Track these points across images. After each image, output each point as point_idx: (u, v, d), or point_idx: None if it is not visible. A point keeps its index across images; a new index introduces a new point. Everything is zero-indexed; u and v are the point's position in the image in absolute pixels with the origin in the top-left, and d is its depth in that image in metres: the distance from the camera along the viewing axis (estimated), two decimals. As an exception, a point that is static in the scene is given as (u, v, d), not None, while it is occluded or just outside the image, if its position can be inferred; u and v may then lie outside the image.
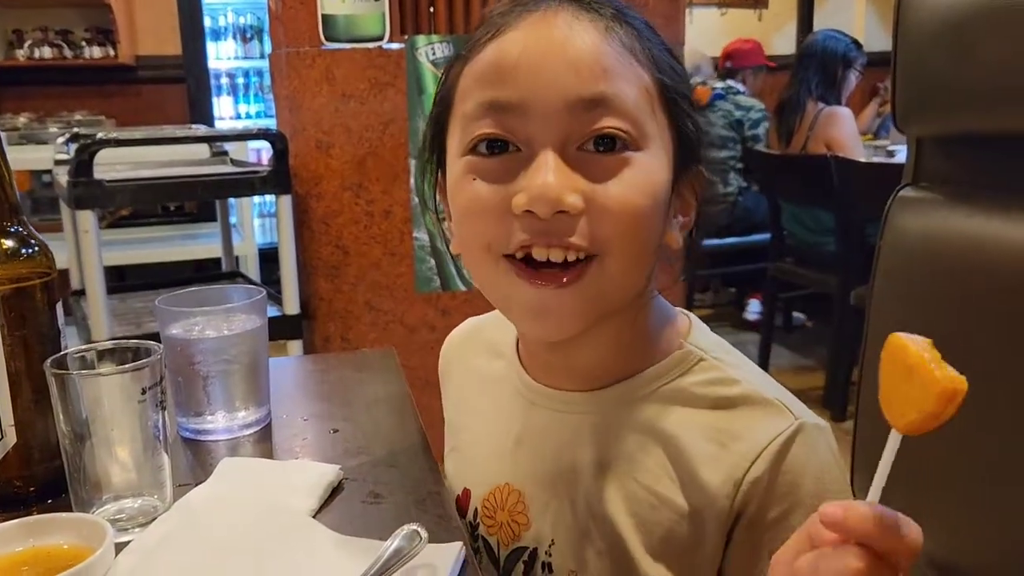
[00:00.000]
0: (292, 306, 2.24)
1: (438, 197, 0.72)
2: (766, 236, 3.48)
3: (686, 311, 0.72)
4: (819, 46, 3.23)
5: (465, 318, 0.88)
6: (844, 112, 3.19)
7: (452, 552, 0.62)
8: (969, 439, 0.81)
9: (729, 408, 0.63)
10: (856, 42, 3.24)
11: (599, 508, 0.65)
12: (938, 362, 0.44)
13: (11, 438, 0.72)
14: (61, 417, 0.68)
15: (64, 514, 0.67)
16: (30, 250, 0.73)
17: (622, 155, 0.59)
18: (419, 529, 0.61)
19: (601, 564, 0.65)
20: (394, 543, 0.59)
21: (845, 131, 3.16)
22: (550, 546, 0.68)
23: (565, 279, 0.59)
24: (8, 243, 0.72)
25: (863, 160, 3.01)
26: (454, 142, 0.64)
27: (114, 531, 0.64)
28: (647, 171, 0.60)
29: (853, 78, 3.23)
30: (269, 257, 2.76)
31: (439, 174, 0.70)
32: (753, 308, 3.93)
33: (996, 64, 0.81)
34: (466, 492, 0.75)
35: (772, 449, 0.60)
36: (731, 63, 3.89)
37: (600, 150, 0.59)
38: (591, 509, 0.66)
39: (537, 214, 0.57)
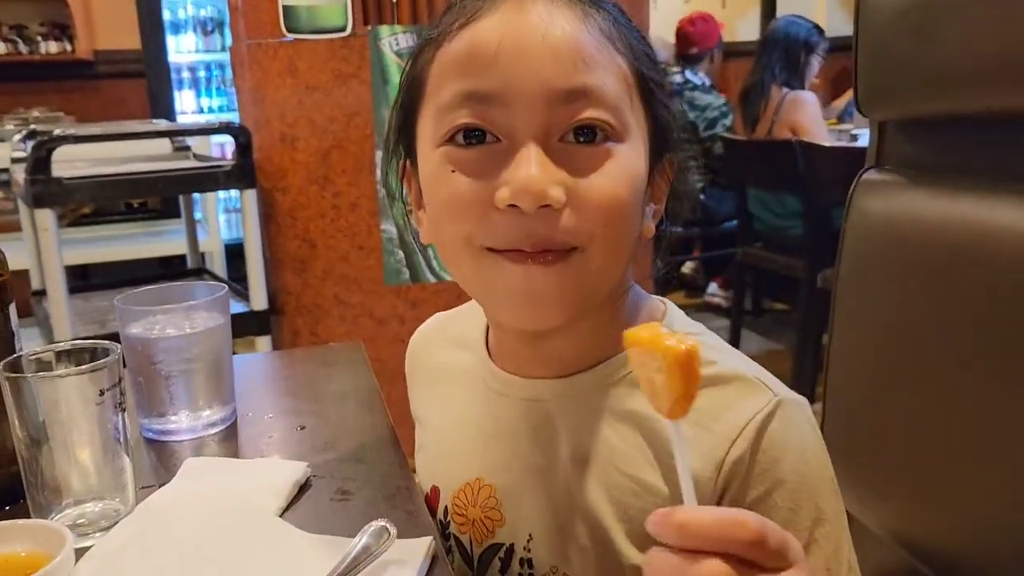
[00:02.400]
0: (259, 301, 2.22)
1: (404, 185, 0.70)
2: (733, 223, 3.51)
3: (662, 298, 0.71)
4: (781, 32, 3.25)
5: (435, 310, 0.87)
6: (808, 97, 3.21)
7: (422, 548, 0.61)
8: (936, 418, 0.82)
9: (706, 387, 0.61)
10: (818, 27, 3.27)
11: (578, 498, 0.64)
12: (662, 337, 0.43)
13: (-35, 444, 0.70)
14: (16, 422, 0.66)
15: (21, 521, 0.65)
16: (-20, 251, 0.71)
17: (604, 146, 0.58)
18: (388, 525, 0.60)
19: (584, 557, 0.64)
20: (362, 539, 0.58)
21: (809, 115, 3.18)
22: (528, 541, 0.66)
23: (550, 258, 0.58)
24: (-43, 244, 0.70)
25: (828, 144, 3.03)
26: (427, 131, 0.62)
27: (74, 536, 0.62)
28: (628, 163, 0.59)
29: (816, 63, 3.26)
30: (236, 253, 2.73)
31: (406, 162, 0.68)
32: (711, 290, 3.96)
33: (958, 46, 0.82)
34: (435, 490, 0.74)
35: (752, 427, 0.59)
36: (696, 48, 3.86)
37: (581, 141, 0.58)
38: (570, 500, 0.64)
39: (521, 208, 0.56)
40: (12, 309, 0.73)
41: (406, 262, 2.40)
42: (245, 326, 2.17)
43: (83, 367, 0.67)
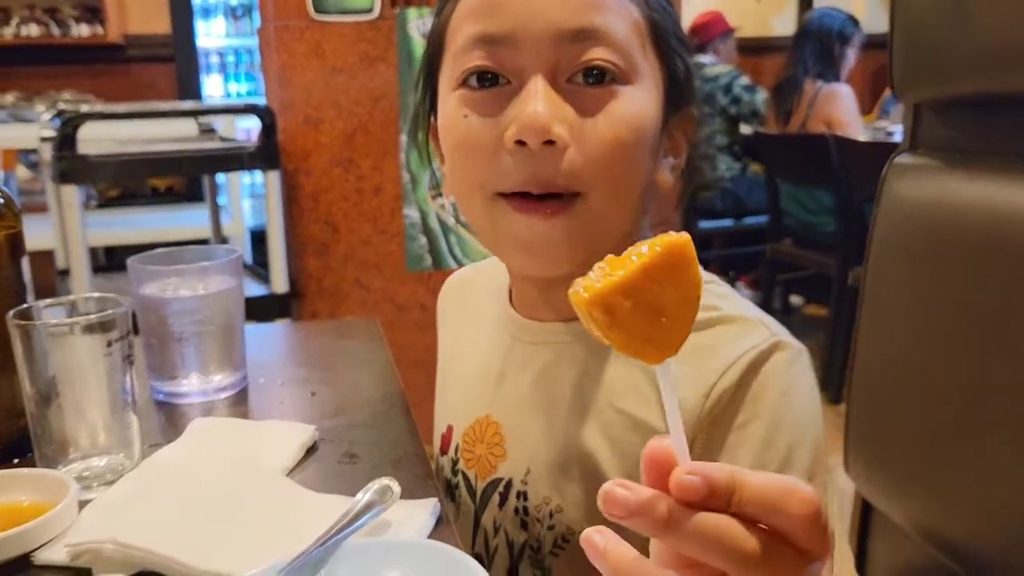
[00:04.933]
0: (280, 284, 2.22)
1: (432, 143, 0.72)
2: (763, 218, 3.45)
3: None
4: (815, 24, 3.19)
5: None
6: (844, 90, 3.16)
7: (427, 508, 0.60)
8: (965, 409, 0.79)
9: (707, 328, 0.62)
10: (853, 18, 3.21)
11: (575, 434, 0.65)
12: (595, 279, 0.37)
13: (-27, 395, 0.69)
14: (24, 371, 0.65)
15: (25, 469, 0.65)
16: (-7, 202, 0.70)
17: (610, 88, 0.59)
18: (391, 484, 0.59)
19: (577, 489, 0.64)
20: (365, 496, 0.57)
21: (844, 109, 3.12)
22: (526, 475, 0.67)
23: (552, 209, 0.59)
24: (-30, 194, 0.69)
25: (863, 139, 2.98)
26: (446, 79, 0.64)
27: (79, 489, 0.62)
28: (635, 105, 0.60)
29: (851, 55, 3.19)
30: (260, 239, 2.73)
31: (432, 118, 0.70)
32: (738, 290, 3.91)
33: (996, 25, 0.79)
34: (449, 428, 0.75)
35: (744, 360, 0.59)
36: (698, 39, 3.84)
37: (589, 82, 0.59)
38: (567, 436, 0.65)
39: (528, 143, 0.57)
40: (24, 262, 0.72)
41: (429, 248, 2.39)
42: (266, 308, 2.17)
43: (91, 316, 0.66)
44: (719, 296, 0.65)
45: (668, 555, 0.36)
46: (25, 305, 0.68)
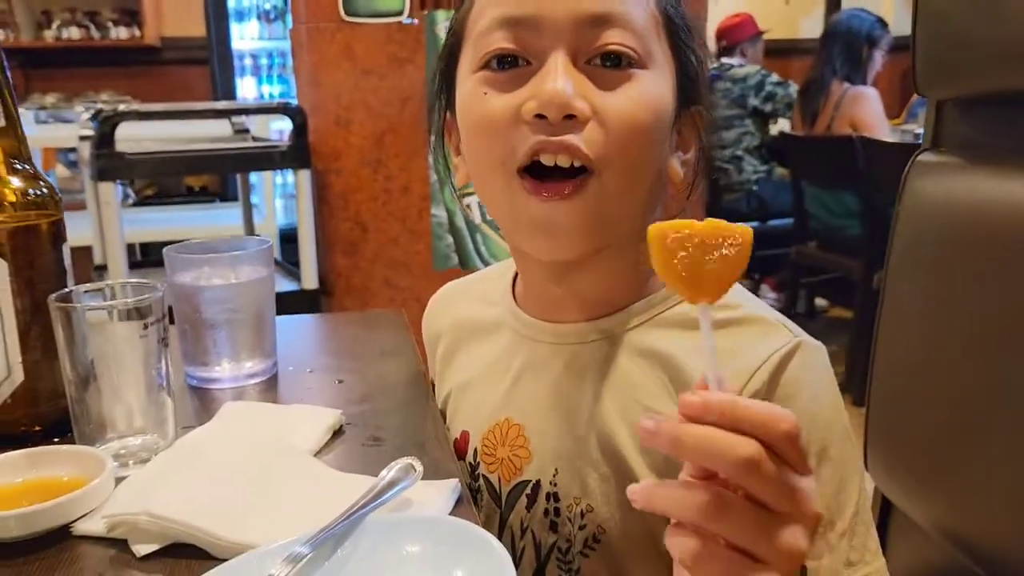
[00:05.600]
0: (310, 280, 2.26)
1: (445, 136, 0.73)
2: (788, 221, 3.44)
3: None
4: (843, 25, 3.18)
5: None
6: (870, 92, 3.14)
7: (447, 487, 0.62)
8: (986, 409, 0.79)
9: (728, 328, 0.64)
10: (881, 20, 3.19)
11: (601, 433, 0.66)
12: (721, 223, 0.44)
13: (18, 375, 0.72)
14: (65, 352, 0.68)
15: (65, 446, 0.68)
16: (38, 192, 0.74)
17: (627, 71, 0.61)
18: (413, 463, 0.61)
19: (606, 488, 0.65)
20: (389, 474, 0.59)
21: (870, 112, 3.11)
22: (554, 475, 0.68)
23: (567, 191, 0.60)
24: (16, 183, 0.73)
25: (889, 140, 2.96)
26: (465, 64, 0.66)
27: (115, 466, 0.64)
28: (650, 88, 0.62)
29: (879, 57, 3.18)
30: (290, 238, 2.77)
31: (447, 113, 0.71)
32: (761, 293, 3.90)
33: (1022, 20, 0.79)
34: (464, 435, 0.75)
35: (771, 363, 0.61)
36: (725, 41, 3.85)
37: (607, 65, 0.61)
38: (593, 435, 0.66)
39: (548, 118, 0.59)
40: (65, 248, 0.76)
41: (455, 247, 2.42)
42: (296, 304, 2.21)
43: (128, 299, 0.69)
44: (738, 293, 0.67)
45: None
46: (66, 290, 0.71)
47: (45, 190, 0.74)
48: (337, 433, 0.74)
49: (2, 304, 0.71)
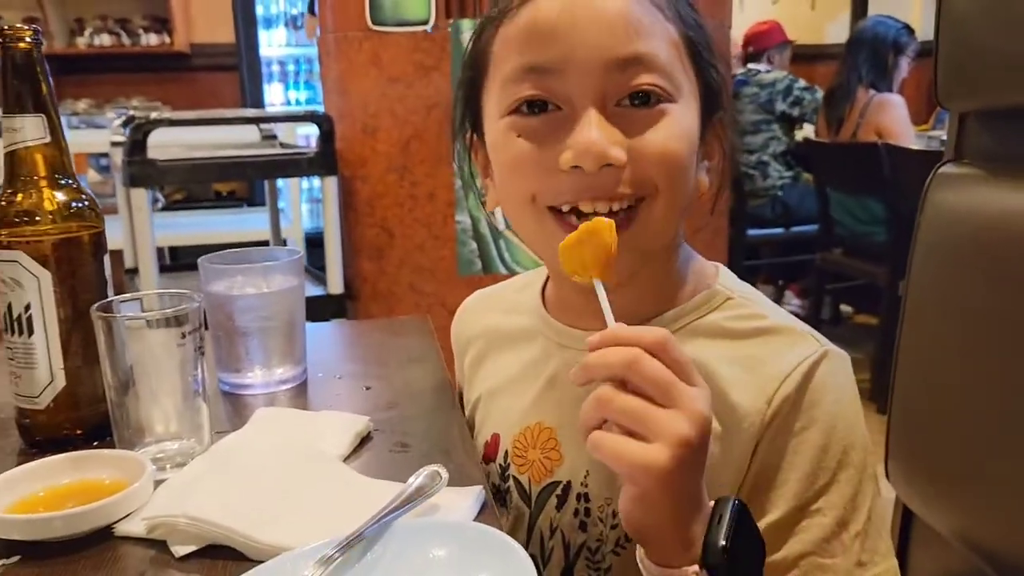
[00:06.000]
0: (336, 286, 2.29)
1: (471, 156, 0.75)
2: (812, 227, 3.43)
3: (716, 263, 0.74)
4: (869, 32, 3.17)
5: None
6: (896, 99, 3.13)
7: (472, 494, 0.64)
8: (1007, 418, 0.80)
9: (756, 337, 0.66)
10: (908, 27, 3.17)
11: None
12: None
13: (60, 381, 0.75)
14: (106, 359, 0.71)
15: (107, 450, 0.71)
16: (80, 204, 0.77)
17: (658, 108, 0.62)
18: (440, 469, 0.63)
19: None
20: (416, 480, 0.61)
21: (897, 119, 3.09)
22: (585, 477, 0.70)
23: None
24: (60, 196, 0.76)
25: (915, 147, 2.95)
26: (492, 104, 0.67)
27: (153, 470, 0.67)
28: (681, 121, 0.63)
29: (905, 64, 3.16)
30: (316, 242, 2.81)
31: (473, 135, 0.73)
32: (785, 299, 3.89)
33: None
34: (495, 437, 0.77)
35: (801, 370, 0.63)
36: (752, 47, 3.86)
37: (636, 104, 0.62)
38: None
39: (584, 169, 0.60)
40: (106, 259, 0.78)
41: (479, 253, 2.44)
42: (322, 309, 2.24)
43: (167, 310, 0.71)
44: (764, 305, 0.69)
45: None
46: (107, 300, 0.74)
47: (87, 202, 0.77)
48: (365, 439, 0.77)
49: (46, 313, 0.74)
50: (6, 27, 0.73)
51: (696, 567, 0.52)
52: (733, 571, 0.52)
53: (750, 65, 3.80)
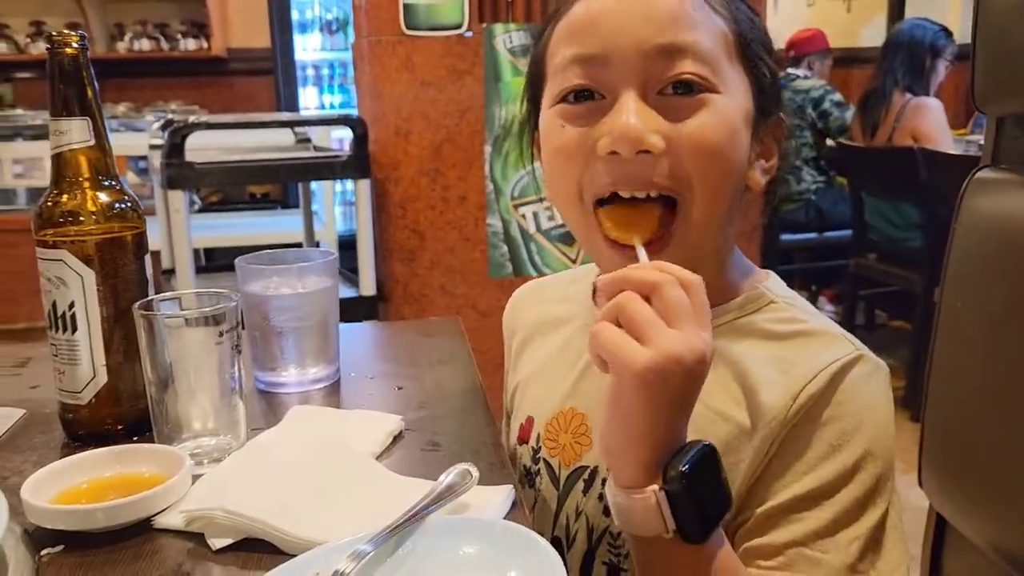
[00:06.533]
0: (368, 287, 2.31)
1: (535, 153, 0.77)
2: (846, 232, 3.39)
3: (767, 270, 0.75)
4: (906, 35, 3.13)
5: None
6: (933, 103, 3.08)
7: (502, 493, 0.64)
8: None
9: (794, 339, 0.66)
10: (946, 30, 3.13)
11: None
12: None
13: (102, 377, 0.78)
14: (147, 357, 0.73)
15: (147, 445, 0.73)
16: (123, 205, 0.79)
17: (699, 97, 0.63)
18: (470, 468, 0.64)
19: None
20: (447, 478, 0.62)
21: (933, 123, 3.05)
22: None
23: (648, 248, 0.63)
24: (103, 197, 0.78)
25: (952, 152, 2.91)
26: (547, 96, 0.69)
27: (192, 463, 0.69)
28: (724, 112, 0.63)
29: (942, 68, 3.12)
30: (348, 244, 2.84)
31: (536, 134, 0.75)
32: (820, 305, 3.86)
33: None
34: (529, 420, 0.79)
35: (830, 370, 0.63)
36: (794, 52, 3.85)
37: (679, 93, 0.63)
38: None
39: (621, 154, 0.61)
40: (147, 259, 0.80)
41: (510, 256, 2.45)
42: (354, 310, 2.27)
43: (206, 309, 0.73)
44: (805, 311, 0.70)
45: None
46: (148, 298, 0.76)
47: (129, 203, 0.79)
48: (397, 438, 0.78)
49: (89, 311, 0.76)
50: (54, 33, 0.76)
51: (656, 486, 0.54)
52: (690, 500, 0.53)
53: (789, 70, 3.79)
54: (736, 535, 0.64)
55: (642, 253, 0.60)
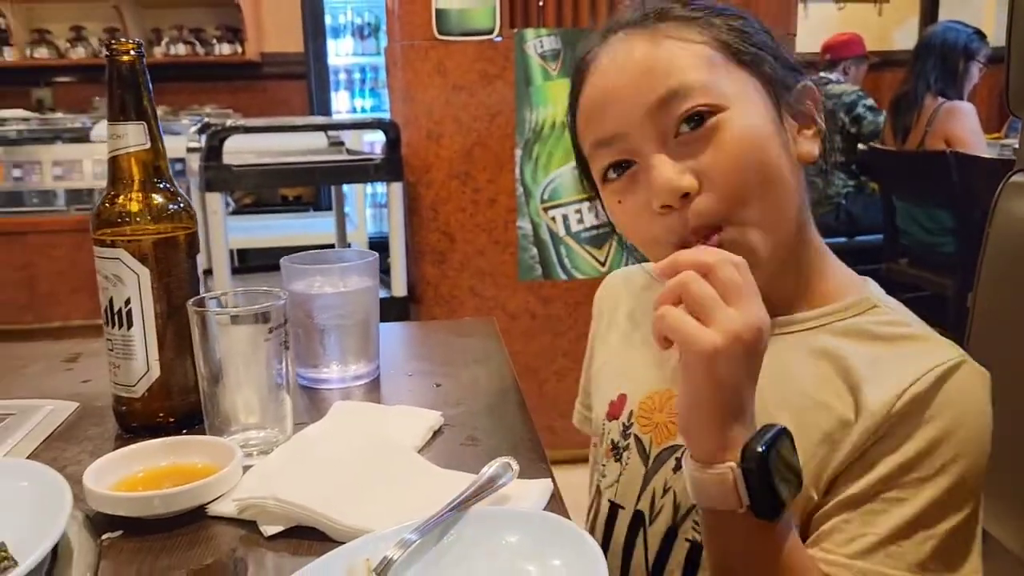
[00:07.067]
0: (400, 288, 2.34)
1: (600, 207, 0.80)
2: (877, 237, 3.37)
3: (865, 276, 0.78)
4: (939, 38, 3.11)
5: (566, 307, 0.95)
6: (965, 107, 3.06)
7: (540, 487, 0.67)
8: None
9: (899, 341, 0.68)
10: (979, 32, 3.10)
11: (760, 411, 0.70)
12: None
13: (155, 372, 0.81)
14: (199, 352, 0.76)
15: (199, 436, 0.76)
16: (176, 206, 0.82)
17: (709, 123, 0.66)
18: (511, 462, 0.66)
19: None
20: (488, 471, 0.65)
21: (966, 127, 3.02)
22: None
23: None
24: (158, 199, 0.81)
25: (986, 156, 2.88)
26: (594, 173, 0.75)
27: (242, 454, 0.72)
28: (738, 123, 0.66)
29: (976, 71, 3.09)
30: (378, 246, 2.86)
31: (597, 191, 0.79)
32: None
33: None
34: (621, 397, 0.81)
35: (935, 372, 0.64)
36: (830, 55, 3.84)
37: (692, 128, 0.66)
38: (762, 413, 0.70)
39: (672, 205, 0.66)
40: (198, 258, 0.84)
41: (539, 258, 2.47)
42: (386, 311, 2.29)
43: (256, 306, 0.76)
44: (907, 315, 0.72)
45: None
46: (200, 296, 0.79)
47: (182, 204, 0.83)
48: (437, 433, 0.80)
49: (144, 307, 0.80)
50: (113, 42, 0.79)
51: (733, 463, 0.58)
52: (765, 479, 0.57)
53: (822, 73, 3.78)
54: (813, 518, 0.67)
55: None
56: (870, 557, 0.63)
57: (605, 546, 0.78)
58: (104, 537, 0.64)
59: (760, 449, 0.57)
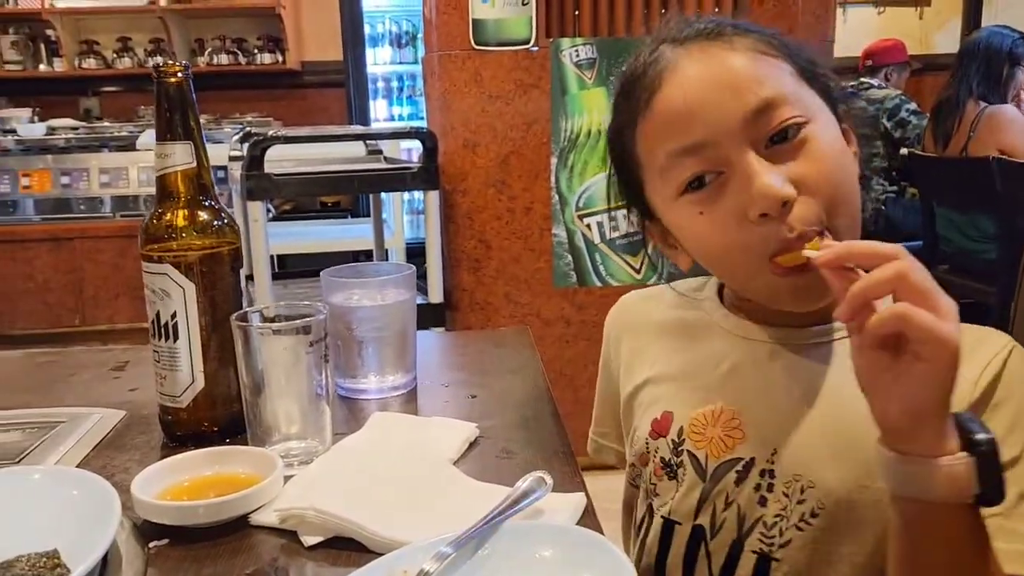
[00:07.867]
0: (436, 295, 2.36)
1: (647, 237, 0.82)
2: (916, 243, 3.33)
3: None
4: (983, 42, 3.06)
5: (600, 314, 0.95)
6: (1010, 112, 3.00)
7: (574, 501, 0.68)
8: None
9: (963, 332, 0.69)
10: (1024, 37, 3.05)
11: (830, 416, 0.72)
12: None
13: (200, 383, 0.83)
14: (243, 364, 0.78)
15: (241, 447, 0.78)
16: (220, 222, 0.84)
17: (799, 136, 0.68)
18: (545, 476, 0.67)
19: (834, 465, 0.71)
20: (524, 485, 0.66)
21: (1011, 133, 2.97)
22: (772, 455, 0.73)
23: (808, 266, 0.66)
24: (203, 216, 0.84)
25: (1032, 163, 2.83)
26: (658, 194, 0.74)
27: (283, 464, 0.74)
28: (824, 137, 0.69)
29: (1021, 76, 3.04)
30: (415, 252, 2.90)
31: (646, 222, 0.81)
32: None
33: None
34: (667, 416, 0.81)
35: (1001, 356, 0.69)
36: (872, 61, 3.81)
37: (784, 139, 0.68)
38: (815, 419, 0.73)
39: (770, 213, 0.65)
40: (242, 272, 0.86)
41: (574, 266, 2.48)
42: (423, 317, 2.31)
43: (297, 321, 0.78)
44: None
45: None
46: (243, 310, 0.81)
47: (226, 220, 0.85)
48: (472, 445, 0.82)
49: (189, 320, 0.82)
50: (161, 63, 0.82)
51: (964, 453, 0.56)
52: (997, 464, 0.57)
53: (863, 79, 3.74)
54: None
55: (813, 254, 0.63)
56: (996, 536, 0.63)
57: (661, 562, 0.78)
58: (152, 545, 0.66)
59: (990, 435, 0.57)
